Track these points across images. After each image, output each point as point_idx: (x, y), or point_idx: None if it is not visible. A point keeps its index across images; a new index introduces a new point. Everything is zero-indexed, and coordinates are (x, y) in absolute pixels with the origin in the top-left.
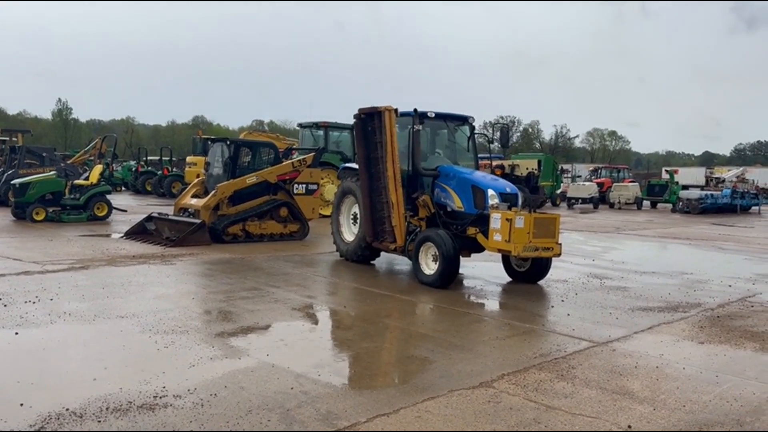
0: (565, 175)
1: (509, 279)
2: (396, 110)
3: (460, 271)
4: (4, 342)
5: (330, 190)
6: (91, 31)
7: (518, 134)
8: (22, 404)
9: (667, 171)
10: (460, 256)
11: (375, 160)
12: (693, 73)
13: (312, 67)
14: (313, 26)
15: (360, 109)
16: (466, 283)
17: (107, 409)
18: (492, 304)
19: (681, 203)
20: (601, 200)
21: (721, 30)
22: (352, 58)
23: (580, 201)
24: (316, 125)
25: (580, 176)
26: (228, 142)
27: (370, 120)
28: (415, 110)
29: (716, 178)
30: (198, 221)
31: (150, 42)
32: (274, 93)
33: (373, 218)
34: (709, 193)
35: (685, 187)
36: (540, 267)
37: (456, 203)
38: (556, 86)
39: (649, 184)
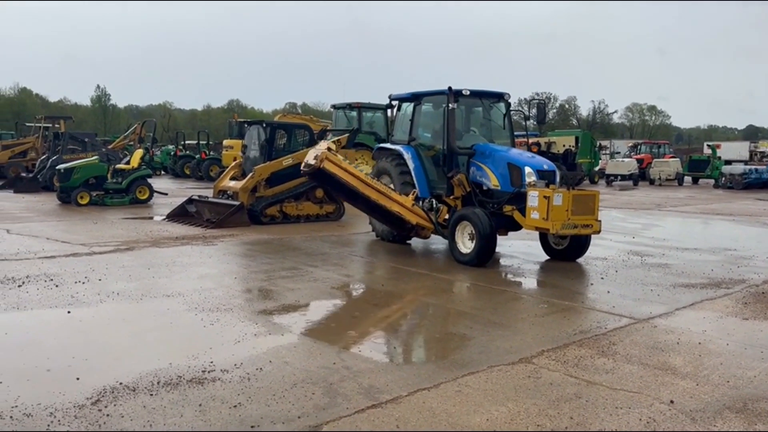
0: (604, 152)
1: (547, 257)
2: (333, 146)
3: (497, 249)
4: (57, 320)
5: (364, 171)
6: (128, 17)
7: (554, 111)
8: (78, 378)
9: (708, 146)
10: (497, 235)
11: (353, 191)
12: (712, 42)
13: (340, 49)
14: (340, 11)
15: (303, 170)
16: (502, 261)
17: (158, 383)
18: (530, 282)
19: (724, 178)
20: (641, 177)
21: None
22: (380, 38)
23: (619, 178)
24: (350, 106)
25: (619, 152)
26: (264, 125)
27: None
28: (450, 88)
29: (761, 152)
30: (237, 203)
31: (184, 29)
32: (306, 76)
33: (393, 223)
34: (753, 167)
35: (728, 162)
36: (578, 245)
37: (492, 181)
38: (574, 62)
39: (691, 160)
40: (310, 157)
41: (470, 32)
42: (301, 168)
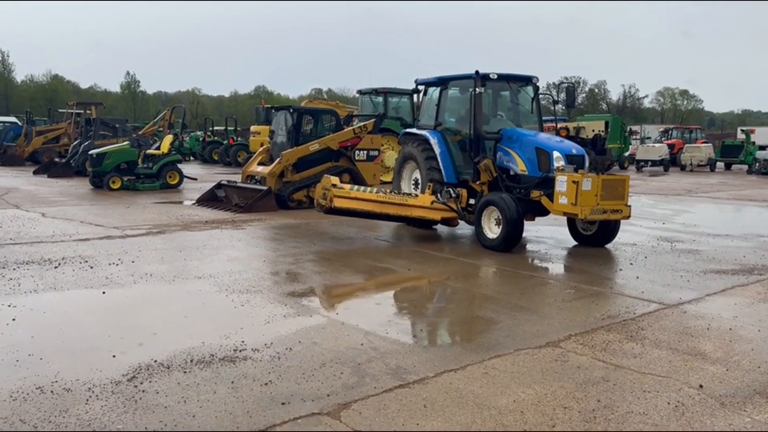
0: (634, 137)
1: (575, 243)
2: (336, 181)
3: (524, 235)
4: (93, 300)
5: (390, 156)
6: (155, 4)
7: (584, 95)
8: (114, 356)
9: (742, 131)
10: (524, 220)
11: (371, 213)
12: (739, 24)
13: (366, 33)
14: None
15: (317, 210)
16: (529, 246)
17: (192, 361)
18: (557, 268)
19: (758, 164)
20: (672, 162)
21: None
22: (402, 23)
23: (649, 163)
24: (376, 91)
25: (649, 138)
26: (291, 110)
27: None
28: (477, 72)
29: None
30: (265, 188)
31: (212, 17)
32: (331, 61)
33: (419, 223)
34: None
35: (762, 148)
36: (607, 230)
37: (519, 166)
38: (599, 46)
39: (723, 145)
40: (319, 195)
41: (496, 16)
42: (315, 206)
